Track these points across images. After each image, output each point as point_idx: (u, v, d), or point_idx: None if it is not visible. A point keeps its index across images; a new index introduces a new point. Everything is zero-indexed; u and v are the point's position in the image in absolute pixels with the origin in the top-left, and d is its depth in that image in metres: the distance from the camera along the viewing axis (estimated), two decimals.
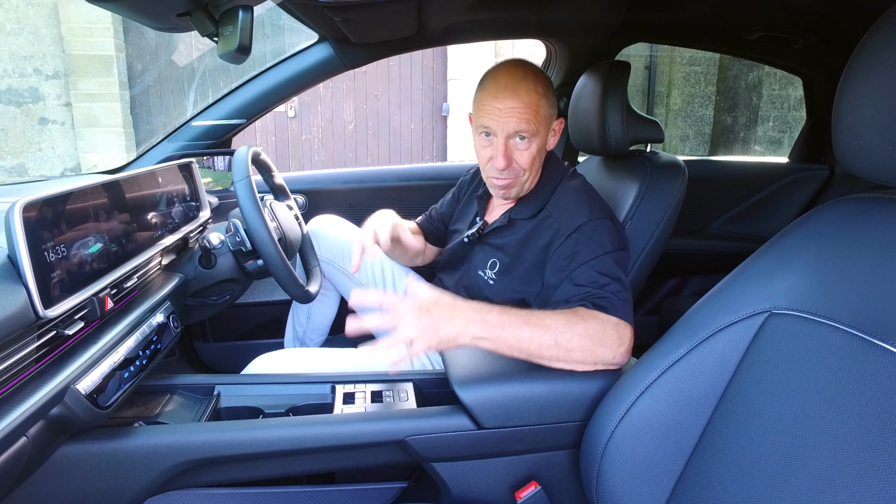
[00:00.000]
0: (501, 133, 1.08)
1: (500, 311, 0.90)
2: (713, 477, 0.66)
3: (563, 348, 0.89)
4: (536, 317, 0.91)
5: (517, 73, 1.07)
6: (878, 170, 0.60)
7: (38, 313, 0.69)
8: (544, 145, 1.13)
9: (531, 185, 1.17)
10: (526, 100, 1.05)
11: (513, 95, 1.05)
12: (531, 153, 1.09)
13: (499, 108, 1.06)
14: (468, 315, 0.88)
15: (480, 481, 0.95)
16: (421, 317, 0.86)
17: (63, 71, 4.67)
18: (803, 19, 1.55)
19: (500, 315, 0.89)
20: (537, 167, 1.15)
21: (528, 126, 1.06)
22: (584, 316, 0.92)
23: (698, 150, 5.78)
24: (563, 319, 0.91)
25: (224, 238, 1.21)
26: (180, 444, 0.86)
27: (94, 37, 4.60)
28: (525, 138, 1.08)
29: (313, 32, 1.51)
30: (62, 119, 4.78)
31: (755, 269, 0.73)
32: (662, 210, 1.19)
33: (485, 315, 0.89)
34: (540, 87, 1.08)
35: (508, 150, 1.09)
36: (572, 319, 0.91)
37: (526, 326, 0.89)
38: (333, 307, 1.59)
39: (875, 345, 0.56)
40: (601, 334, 0.91)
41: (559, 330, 0.90)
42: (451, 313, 0.88)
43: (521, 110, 1.05)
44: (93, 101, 4.72)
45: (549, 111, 1.11)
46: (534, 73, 1.09)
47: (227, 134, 1.62)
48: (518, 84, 1.06)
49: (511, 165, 1.10)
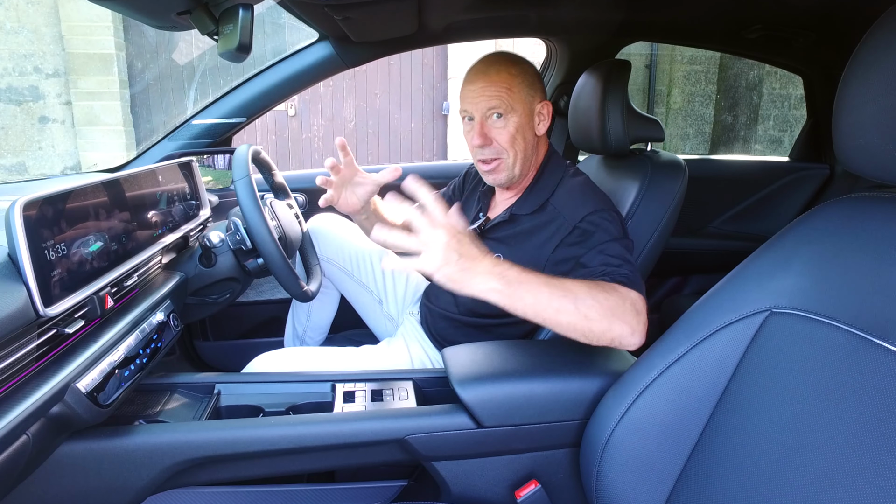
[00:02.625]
0: (477, 112, 1.13)
1: (520, 269, 0.87)
2: (713, 475, 0.66)
3: (582, 315, 0.86)
4: (558, 280, 0.88)
5: (490, 59, 1.14)
6: (879, 169, 0.60)
7: (38, 312, 0.69)
8: (526, 126, 1.14)
9: (522, 171, 1.16)
10: (496, 79, 1.10)
11: (483, 77, 1.11)
12: (509, 131, 1.12)
13: (472, 90, 1.12)
14: (489, 267, 0.85)
15: (480, 480, 0.95)
16: (448, 251, 0.82)
17: (63, 69, 4.67)
18: (804, 18, 1.54)
19: (519, 273, 0.86)
20: (522, 149, 1.14)
21: (500, 102, 1.10)
22: (605, 287, 0.90)
23: (699, 148, 5.77)
24: (586, 286, 0.89)
25: (224, 237, 1.21)
26: (180, 442, 0.86)
27: (95, 35, 4.59)
28: (501, 116, 1.11)
29: (313, 31, 1.51)
30: (62, 117, 4.78)
31: (755, 268, 0.73)
32: (663, 209, 1.19)
33: (505, 270, 0.85)
34: (514, 69, 1.12)
35: (485, 128, 1.13)
36: (594, 287, 0.89)
37: (546, 287, 0.86)
38: (333, 306, 1.59)
39: (875, 344, 0.56)
40: (622, 308, 0.88)
41: (580, 295, 0.87)
42: (475, 257, 0.84)
43: (492, 89, 1.10)
44: (93, 99, 4.72)
45: (527, 91, 1.13)
46: (508, 58, 1.14)
47: (227, 132, 1.62)
48: (489, 67, 1.12)
49: (490, 144, 1.13)
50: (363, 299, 1.51)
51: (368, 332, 1.55)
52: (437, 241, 0.82)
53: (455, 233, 0.83)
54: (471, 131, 1.14)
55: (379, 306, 1.49)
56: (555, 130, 1.98)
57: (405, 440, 0.90)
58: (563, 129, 1.91)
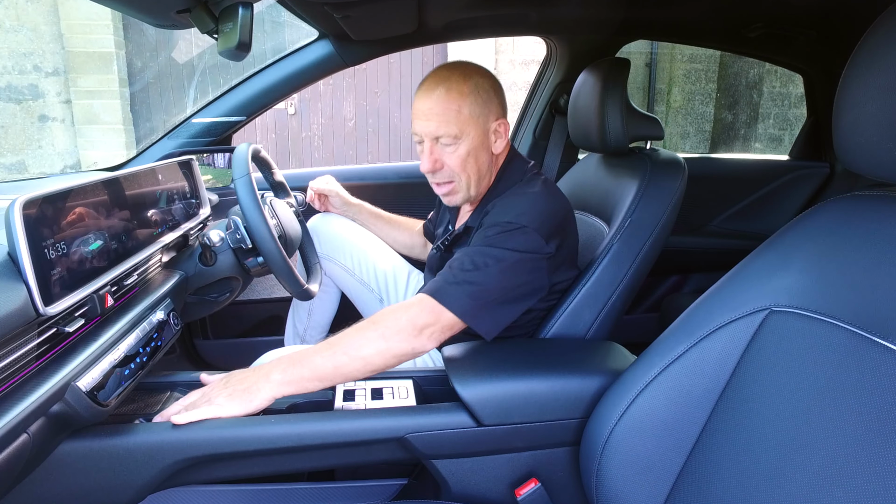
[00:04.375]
0: (427, 136, 1.07)
1: (301, 352, 0.93)
2: (712, 474, 0.67)
3: (359, 358, 0.90)
4: (330, 342, 0.93)
5: (441, 75, 1.06)
6: (879, 167, 0.60)
7: (38, 310, 0.69)
8: (480, 147, 1.08)
9: (479, 190, 1.14)
10: (445, 99, 1.03)
11: (430, 97, 1.04)
12: (460, 155, 1.07)
13: (421, 110, 1.06)
14: (261, 375, 0.91)
15: (480, 478, 0.95)
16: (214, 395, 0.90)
17: (63, 68, 4.67)
18: (804, 16, 1.54)
19: (290, 358, 0.92)
20: (475, 171, 1.10)
21: (448, 128, 1.04)
22: (378, 318, 0.94)
23: (698, 147, 5.77)
24: (356, 331, 0.93)
25: (224, 235, 1.21)
26: (181, 440, 0.86)
27: (94, 33, 4.59)
28: (449, 142, 1.06)
29: (313, 29, 1.51)
30: (62, 116, 4.77)
31: (755, 266, 0.73)
32: (662, 207, 1.19)
33: (278, 364, 0.91)
34: (465, 86, 1.04)
35: (435, 152, 1.07)
36: (366, 327, 0.93)
37: (318, 354, 0.91)
38: (334, 304, 1.59)
39: (875, 342, 0.56)
40: (392, 329, 0.92)
41: (347, 342, 0.91)
42: (245, 378, 0.92)
43: (439, 113, 1.03)
44: (93, 98, 4.72)
45: (480, 111, 1.06)
46: (460, 74, 1.05)
47: (227, 131, 1.62)
48: (438, 86, 1.04)
49: (441, 168, 1.09)
50: (364, 297, 1.51)
51: None
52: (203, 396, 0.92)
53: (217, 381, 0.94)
54: (421, 153, 1.10)
55: (380, 305, 1.49)
56: (554, 129, 1.98)
57: (405, 439, 0.90)
58: (563, 127, 1.91)
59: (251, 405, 0.89)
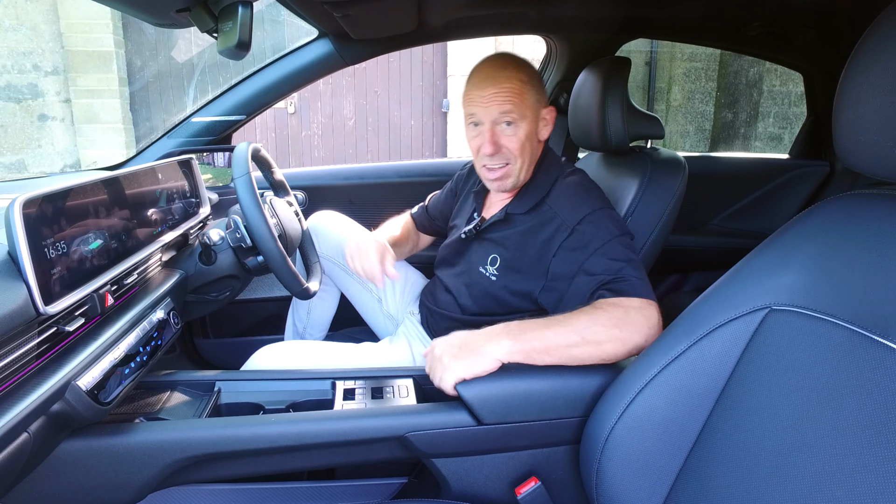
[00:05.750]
0: (487, 119, 1.11)
1: (518, 322, 0.93)
2: (712, 472, 0.67)
3: (592, 343, 0.90)
4: (556, 319, 0.92)
5: (499, 63, 1.11)
6: (879, 166, 0.60)
7: (38, 310, 0.69)
8: (534, 132, 1.14)
9: (526, 176, 1.17)
10: (507, 86, 1.08)
11: (494, 83, 1.08)
12: (519, 138, 1.11)
13: (482, 96, 1.09)
14: (492, 335, 0.91)
15: (480, 477, 0.95)
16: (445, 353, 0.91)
17: (62, 67, 4.67)
18: (804, 15, 1.54)
19: (520, 324, 0.92)
20: (529, 155, 1.15)
21: (512, 109, 1.09)
22: (604, 307, 0.93)
23: (698, 146, 5.77)
24: (584, 315, 0.92)
25: (224, 234, 1.21)
26: (181, 440, 0.86)
27: (93, 33, 4.59)
28: (511, 123, 1.10)
29: (313, 28, 1.51)
30: (62, 115, 4.77)
31: (755, 265, 0.73)
32: (663, 206, 1.19)
33: (506, 330, 0.91)
34: (523, 75, 1.10)
35: (495, 135, 1.11)
36: (593, 313, 0.92)
37: (549, 329, 0.90)
38: (333, 303, 1.59)
39: (875, 341, 0.56)
40: (626, 320, 0.91)
41: (582, 325, 0.90)
42: (475, 338, 0.92)
43: (503, 95, 1.08)
44: (92, 97, 4.71)
45: (536, 97, 1.13)
46: (516, 62, 1.12)
47: (226, 130, 1.62)
48: (499, 73, 1.09)
49: (500, 151, 1.12)
50: (363, 297, 1.51)
51: (368, 330, 1.56)
52: (436, 355, 0.93)
53: (442, 340, 0.94)
54: (478, 136, 1.13)
55: (378, 304, 1.49)
56: (555, 128, 1.97)
57: (405, 437, 0.90)
58: (563, 126, 1.91)
59: (478, 367, 0.89)
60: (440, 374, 0.91)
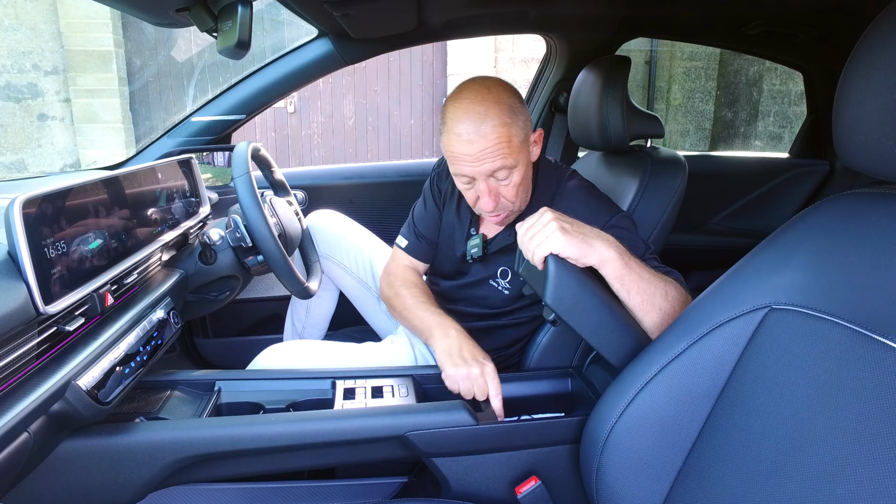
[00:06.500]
0: (480, 177, 1.02)
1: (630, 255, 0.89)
2: (712, 471, 0.67)
3: (661, 304, 0.88)
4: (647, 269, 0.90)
5: (478, 110, 0.98)
6: (879, 165, 0.60)
7: (38, 309, 0.69)
8: (527, 166, 1.07)
9: (525, 203, 1.13)
10: (494, 138, 0.98)
11: (480, 138, 0.98)
12: (515, 184, 1.04)
13: (470, 155, 0.99)
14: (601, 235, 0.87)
15: (480, 476, 0.95)
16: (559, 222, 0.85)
17: (62, 66, 4.66)
18: (804, 14, 1.54)
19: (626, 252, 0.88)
20: (526, 188, 1.10)
21: (504, 162, 1.00)
22: (676, 285, 0.93)
23: (698, 145, 5.77)
24: (667, 281, 0.92)
25: (224, 234, 1.21)
26: (181, 439, 0.86)
27: (93, 32, 4.58)
28: (506, 174, 1.02)
29: (312, 28, 1.51)
30: (61, 115, 4.77)
31: (755, 264, 0.73)
32: (663, 205, 1.19)
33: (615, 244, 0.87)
34: (505, 116, 0.99)
35: (492, 189, 1.04)
36: (670, 283, 0.92)
37: (646, 270, 0.89)
38: (332, 302, 1.59)
39: (875, 340, 0.56)
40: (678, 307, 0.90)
41: (664, 287, 0.90)
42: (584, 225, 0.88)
43: (493, 149, 0.98)
44: (92, 96, 4.71)
45: (523, 134, 1.03)
46: (495, 100, 0.99)
47: (226, 130, 1.62)
48: (482, 124, 0.98)
49: (500, 202, 1.06)
50: (362, 296, 1.51)
51: (367, 329, 1.56)
52: (544, 221, 0.85)
53: (551, 210, 0.87)
54: (472, 191, 1.06)
55: (377, 303, 1.49)
56: (554, 127, 1.98)
57: (405, 437, 0.90)
58: (563, 125, 1.91)
59: (579, 251, 0.83)
60: (539, 241, 0.83)
